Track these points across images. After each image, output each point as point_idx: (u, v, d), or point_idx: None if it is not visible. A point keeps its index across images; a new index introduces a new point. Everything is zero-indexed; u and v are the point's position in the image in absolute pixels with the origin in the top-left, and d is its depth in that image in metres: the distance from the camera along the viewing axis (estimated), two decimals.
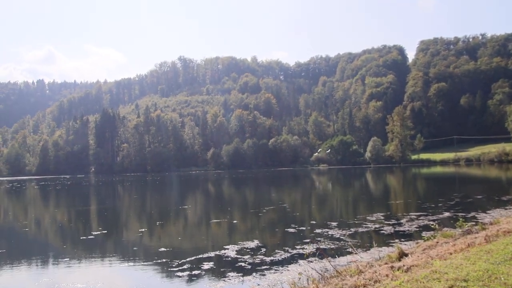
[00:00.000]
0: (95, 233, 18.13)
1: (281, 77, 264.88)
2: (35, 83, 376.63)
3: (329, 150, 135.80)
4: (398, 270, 7.82)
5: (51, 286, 10.79)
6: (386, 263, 9.03)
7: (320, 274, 9.52)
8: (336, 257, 11.67)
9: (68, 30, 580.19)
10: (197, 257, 12.77)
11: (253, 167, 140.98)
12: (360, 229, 16.29)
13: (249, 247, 13.82)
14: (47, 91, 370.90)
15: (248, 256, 12.58)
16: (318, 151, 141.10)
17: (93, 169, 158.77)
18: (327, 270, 10.25)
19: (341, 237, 14.79)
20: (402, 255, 9.45)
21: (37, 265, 13.52)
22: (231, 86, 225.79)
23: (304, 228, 17.27)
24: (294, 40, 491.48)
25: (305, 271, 10.48)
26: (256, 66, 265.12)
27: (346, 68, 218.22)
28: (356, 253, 11.92)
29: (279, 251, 13.13)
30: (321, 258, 11.70)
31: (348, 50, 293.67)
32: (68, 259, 14.05)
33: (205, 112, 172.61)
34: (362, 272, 8.73)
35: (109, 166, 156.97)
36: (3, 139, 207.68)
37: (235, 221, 20.41)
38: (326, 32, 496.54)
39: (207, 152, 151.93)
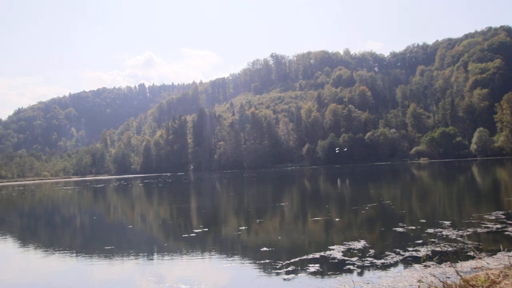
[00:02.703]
0: (196, 230, 18.18)
1: (375, 68, 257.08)
2: (137, 87, 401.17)
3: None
4: None
5: (156, 277, 11.12)
6: None
7: (442, 282, 8.42)
8: (457, 262, 10.40)
9: (165, 35, 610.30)
10: (301, 258, 12.11)
11: (349, 162, 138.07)
12: (479, 230, 14.63)
13: (356, 248, 12.89)
14: (148, 94, 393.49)
15: (356, 258, 11.68)
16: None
17: (192, 167, 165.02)
18: (449, 278, 9.12)
19: (458, 239, 13.33)
20: None
21: (143, 259, 13.81)
22: (324, 80, 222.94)
23: (413, 228, 15.93)
24: (388, 29, 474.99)
25: (422, 277, 9.43)
26: (349, 59, 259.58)
27: (446, 55, 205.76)
28: (480, 258, 10.57)
29: (389, 253, 12.07)
30: (440, 263, 10.51)
31: (447, 36, 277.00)
32: (171, 254, 14.18)
33: (299, 108, 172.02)
34: (496, 283, 7.51)
35: (207, 163, 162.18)
36: (111, 140, 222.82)
37: (336, 219, 19.47)
38: (423, 18, 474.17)
39: (302, 148, 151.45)
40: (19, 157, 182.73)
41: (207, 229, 18.60)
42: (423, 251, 11.86)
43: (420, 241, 13.29)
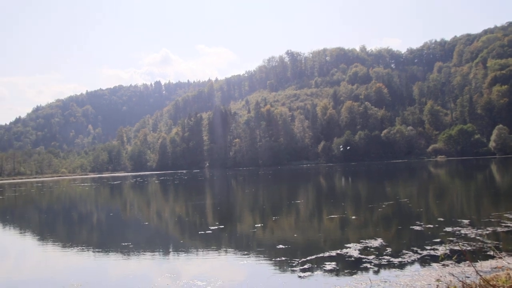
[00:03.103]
0: (212, 227, 18.21)
1: (392, 65, 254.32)
2: (153, 85, 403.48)
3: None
4: None
5: (172, 274, 11.22)
6: None
7: (461, 281, 8.28)
8: (477, 262, 10.23)
9: (182, 33, 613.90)
10: (317, 255, 12.05)
11: (365, 160, 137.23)
12: (499, 229, 14.39)
13: (372, 246, 12.77)
14: (164, 92, 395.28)
15: (373, 256, 11.57)
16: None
17: (207, 164, 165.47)
18: (468, 277, 8.98)
19: (477, 238, 13.13)
20: None
21: (159, 256, 13.92)
22: (340, 78, 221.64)
23: (431, 226, 15.73)
24: (405, 25, 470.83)
25: (441, 276, 9.30)
26: (365, 56, 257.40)
27: (464, 51, 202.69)
28: (500, 258, 10.39)
29: (406, 251, 11.94)
30: (458, 262, 10.35)
31: (466, 32, 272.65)
32: (187, 251, 14.26)
33: (314, 105, 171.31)
34: None
35: (223, 160, 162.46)
36: (127, 138, 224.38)
37: (352, 217, 19.34)
38: (441, 14, 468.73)
39: (318, 145, 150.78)
40: (37, 154, 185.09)
41: (222, 226, 18.62)
42: (441, 250, 11.71)
43: (438, 240, 13.13)
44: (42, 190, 60.45)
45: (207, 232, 17.25)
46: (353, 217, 19.35)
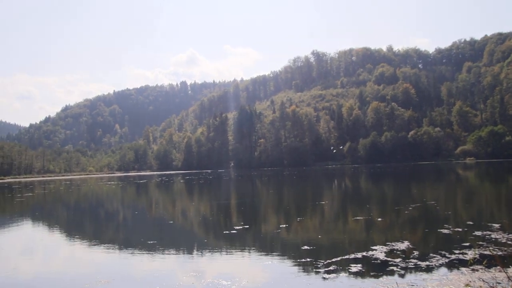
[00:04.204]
0: (237, 227, 18.20)
1: (419, 65, 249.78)
2: (179, 85, 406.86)
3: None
4: None
5: (197, 273, 11.26)
6: None
7: (491, 287, 8.08)
8: (508, 267, 9.93)
9: (208, 33, 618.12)
10: (342, 257, 11.89)
11: (391, 161, 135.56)
12: None
13: (399, 249, 12.54)
14: (190, 92, 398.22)
15: (400, 259, 11.35)
16: None
17: (232, 164, 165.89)
18: (499, 283, 8.72)
19: (509, 242, 12.76)
20: None
21: (184, 254, 13.98)
22: (366, 78, 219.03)
23: (459, 230, 15.37)
24: (433, 24, 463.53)
25: (470, 281, 9.06)
26: (392, 56, 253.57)
27: (495, 50, 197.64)
28: None
29: (434, 255, 11.68)
30: (488, 267, 10.07)
31: (497, 30, 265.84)
32: (211, 250, 14.29)
33: (340, 106, 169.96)
34: None
35: (247, 161, 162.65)
36: (153, 137, 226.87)
37: (378, 219, 19.07)
38: (470, 12, 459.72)
39: (343, 146, 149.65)
40: (66, 152, 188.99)
41: (247, 226, 18.60)
42: (470, 254, 11.42)
43: (467, 244, 12.81)
44: (70, 188, 61.60)
45: (231, 232, 17.26)
46: (379, 219, 19.08)
